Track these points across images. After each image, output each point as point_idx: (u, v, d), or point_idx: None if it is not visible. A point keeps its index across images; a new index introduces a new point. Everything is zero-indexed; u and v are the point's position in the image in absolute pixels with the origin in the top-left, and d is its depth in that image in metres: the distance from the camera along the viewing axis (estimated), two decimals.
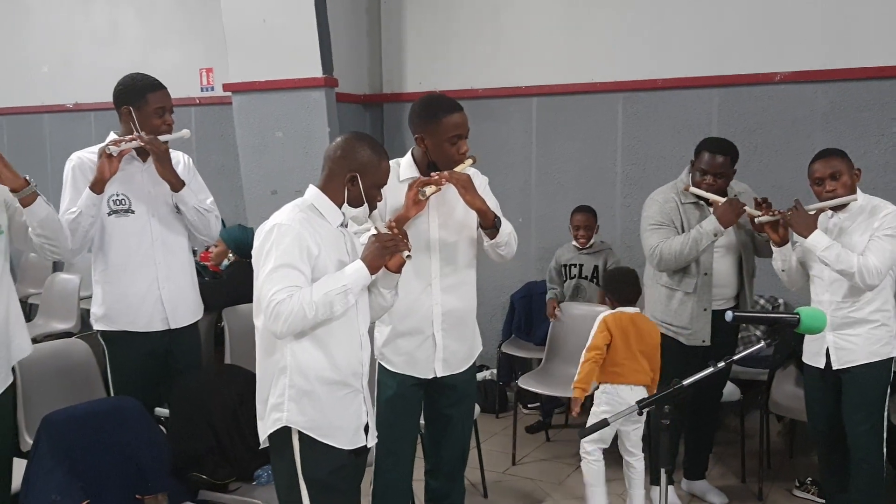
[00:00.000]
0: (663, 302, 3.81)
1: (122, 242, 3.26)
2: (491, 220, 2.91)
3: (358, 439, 2.53)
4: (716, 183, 3.67)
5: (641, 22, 5.15)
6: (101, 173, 3.10)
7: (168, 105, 3.27)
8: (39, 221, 2.72)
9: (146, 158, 3.30)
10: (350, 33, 5.70)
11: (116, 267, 3.28)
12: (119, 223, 3.25)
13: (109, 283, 3.29)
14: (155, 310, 3.30)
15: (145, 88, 3.23)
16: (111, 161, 3.10)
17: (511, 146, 5.60)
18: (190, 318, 3.45)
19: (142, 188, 3.29)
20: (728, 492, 4.07)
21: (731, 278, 3.81)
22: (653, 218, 3.76)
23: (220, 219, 3.51)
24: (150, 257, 3.29)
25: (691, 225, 3.69)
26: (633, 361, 3.61)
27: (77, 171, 3.21)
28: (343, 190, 2.50)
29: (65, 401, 3.07)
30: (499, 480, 4.33)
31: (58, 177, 3.17)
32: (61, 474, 2.66)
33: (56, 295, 5.89)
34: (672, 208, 3.75)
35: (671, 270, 3.74)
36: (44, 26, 7.24)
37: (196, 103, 6.42)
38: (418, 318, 2.96)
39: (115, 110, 3.28)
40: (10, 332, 2.77)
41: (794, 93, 4.81)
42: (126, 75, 3.33)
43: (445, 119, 2.86)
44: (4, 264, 2.74)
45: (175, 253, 3.37)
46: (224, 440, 3.07)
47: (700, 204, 3.73)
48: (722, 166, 3.66)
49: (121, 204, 3.25)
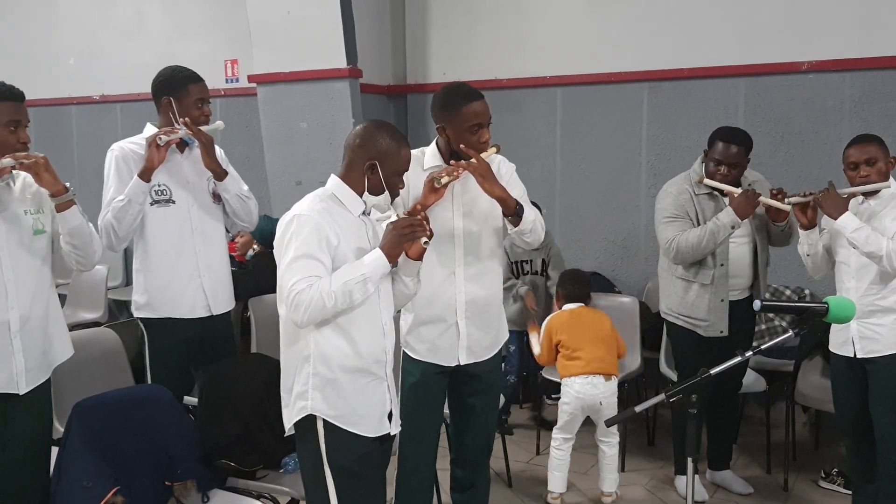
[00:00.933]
0: (679, 294, 3.79)
1: (164, 232, 3.31)
2: (512, 208, 2.89)
3: (382, 427, 2.55)
4: (730, 173, 3.64)
5: (666, 10, 5.11)
6: (150, 162, 3.16)
7: (206, 96, 3.35)
8: (70, 230, 2.74)
9: (184, 149, 3.35)
10: (374, 24, 5.71)
11: (158, 256, 3.32)
12: (160, 213, 3.30)
13: (151, 271, 3.34)
14: (197, 297, 3.36)
15: (186, 80, 3.30)
16: (159, 150, 3.15)
17: (535, 137, 5.58)
18: (227, 305, 3.51)
19: (182, 178, 3.34)
20: (753, 482, 4.06)
21: (747, 268, 3.79)
22: (667, 210, 3.73)
23: (257, 206, 3.56)
24: (190, 246, 3.34)
25: (706, 216, 3.66)
26: (587, 352, 3.88)
27: (120, 161, 3.27)
28: (363, 178, 2.51)
29: (94, 389, 3.10)
30: (523, 470, 4.34)
31: (85, 168, 3.22)
32: (92, 461, 2.70)
33: (84, 285, 5.96)
34: (686, 200, 3.71)
35: (687, 263, 3.71)
36: (70, 19, 7.30)
37: (221, 95, 6.45)
38: (441, 306, 2.96)
39: (154, 101, 3.34)
40: (49, 332, 2.80)
41: (822, 82, 4.75)
42: (166, 67, 3.39)
43: (465, 108, 2.86)
44: (46, 263, 2.79)
45: (213, 242, 3.43)
46: (251, 428, 3.09)
47: (714, 195, 3.70)
48: (736, 156, 3.63)
49: (162, 194, 3.30)
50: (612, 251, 5.45)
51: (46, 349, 2.80)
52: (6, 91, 2.67)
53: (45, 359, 2.80)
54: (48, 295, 2.80)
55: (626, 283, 5.37)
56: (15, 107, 2.68)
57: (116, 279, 6.55)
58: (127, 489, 2.70)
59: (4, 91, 2.65)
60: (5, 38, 7.61)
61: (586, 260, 5.45)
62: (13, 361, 2.65)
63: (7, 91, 2.67)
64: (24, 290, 2.67)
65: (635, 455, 4.45)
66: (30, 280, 2.70)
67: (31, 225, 2.72)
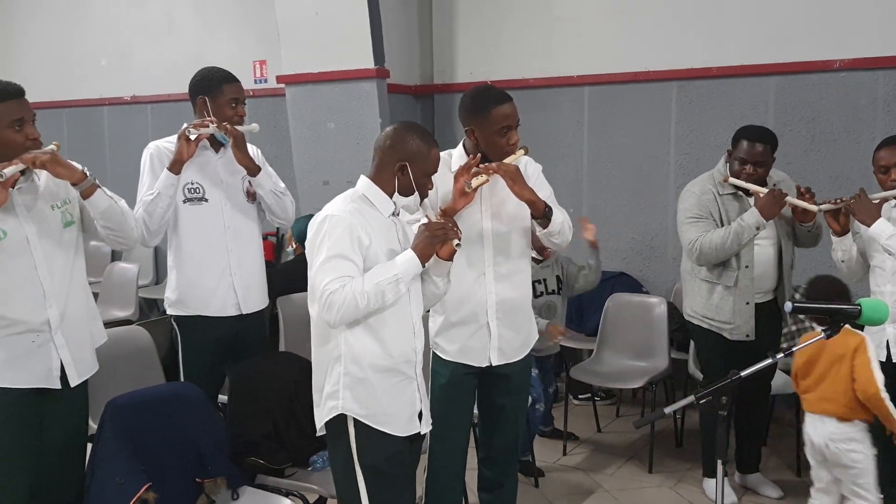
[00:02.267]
0: (703, 296, 3.75)
1: (196, 230, 3.35)
2: (541, 210, 2.89)
3: (412, 426, 2.56)
4: (756, 172, 3.59)
5: (696, 8, 5.07)
6: (180, 154, 3.19)
7: (241, 97, 3.39)
8: (101, 213, 2.76)
9: (219, 149, 3.39)
10: (401, 24, 5.72)
11: (190, 254, 3.36)
12: (193, 211, 3.34)
13: (183, 269, 3.38)
14: (227, 296, 3.38)
15: (221, 80, 3.35)
16: (189, 144, 3.19)
17: (562, 136, 5.57)
18: (259, 304, 3.53)
19: (216, 177, 3.38)
20: (783, 485, 4.02)
21: (771, 270, 3.74)
22: (690, 211, 3.69)
23: (294, 203, 3.58)
24: (222, 245, 3.37)
25: (730, 217, 3.61)
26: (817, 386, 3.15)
27: (155, 159, 3.31)
28: (393, 179, 2.53)
29: (126, 386, 3.14)
30: (549, 470, 4.33)
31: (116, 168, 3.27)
32: (125, 458, 2.73)
33: (115, 283, 6.04)
34: (710, 200, 3.67)
35: (710, 265, 3.67)
36: (102, 20, 7.39)
37: (250, 95, 6.39)
38: (472, 306, 2.97)
39: (191, 101, 3.39)
40: (88, 321, 2.85)
41: (855, 80, 4.70)
42: (202, 68, 3.44)
43: (495, 110, 2.86)
44: (78, 255, 2.82)
45: (246, 241, 3.45)
46: (280, 426, 3.12)
47: (739, 195, 3.66)
48: (762, 155, 3.58)
49: (195, 192, 3.34)
50: (640, 251, 5.42)
51: (89, 338, 2.84)
52: (3, 89, 2.54)
53: (91, 348, 2.84)
54: (83, 285, 2.83)
55: (654, 283, 5.34)
56: (17, 104, 2.56)
57: (147, 277, 6.63)
58: (158, 486, 2.73)
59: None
60: (39, 41, 7.72)
61: (613, 260, 5.43)
62: (54, 357, 2.68)
63: (3, 89, 2.54)
64: (60, 286, 2.70)
65: (663, 457, 4.42)
66: (64, 274, 2.72)
67: (59, 219, 2.73)
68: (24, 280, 2.61)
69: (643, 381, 4.45)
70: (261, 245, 3.59)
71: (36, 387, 2.66)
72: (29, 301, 2.62)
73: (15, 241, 2.59)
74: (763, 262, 3.68)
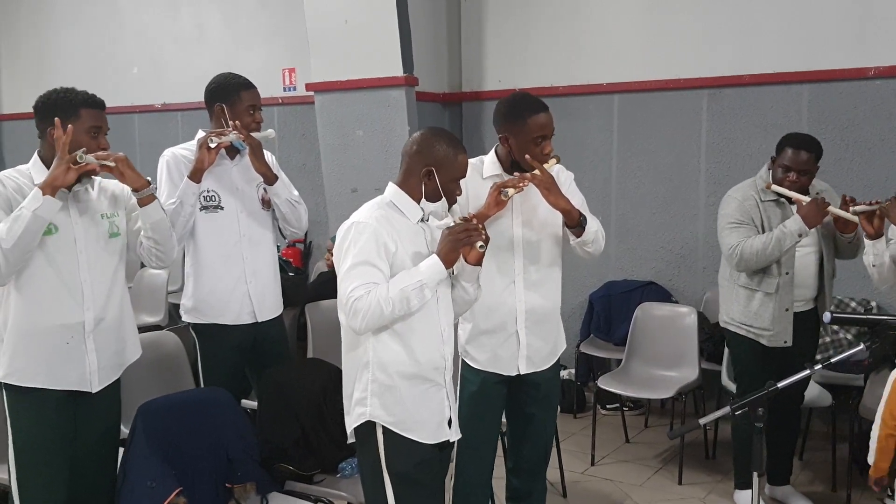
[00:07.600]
0: (742, 303, 3.71)
1: (212, 238, 3.35)
2: (576, 219, 2.88)
3: (441, 434, 2.55)
4: (799, 180, 3.56)
5: (727, 15, 5.03)
6: (200, 163, 3.21)
7: (258, 103, 3.39)
8: (153, 224, 2.83)
9: (234, 156, 3.40)
10: (430, 32, 5.73)
11: (205, 261, 3.37)
12: (209, 218, 3.34)
13: (199, 276, 3.39)
14: (243, 304, 3.39)
15: (239, 86, 3.36)
16: (209, 152, 3.20)
17: (591, 144, 5.54)
18: (274, 311, 3.52)
19: (232, 185, 3.39)
20: (817, 498, 3.96)
21: (812, 279, 3.70)
22: (732, 216, 3.67)
23: (307, 212, 3.59)
24: (237, 253, 3.38)
25: (772, 224, 3.59)
26: None
27: (171, 166, 3.33)
28: (420, 185, 2.52)
29: (157, 391, 3.18)
30: (577, 481, 4.29)
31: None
32: (156, 462, 2.75)
33: (145, 289, 6.09)
34: (752, 206, 3.65)
35: (750, 271, 3.64)
36: (134, 29, 7.49)
37: (279, 103, 6.55)
38: (501, 315, 2.95)
39: (207, 108, 3.40)
40: (122, 333, 2.88)
41: (890, 88, 4.63)
42: (218, 74, 3.45)
43: (531, 119, 2.85)
44: (120, 266, 2.87)
45: (261, 249, 3.45)
46: (309, 432, 3.13)
47: (781, 202, 3.63)
48: (806, 163, 3.55)
49: (211, 200, 3.35)
50: (670, 260, 5.38)
51: (118, 349, 2.87)
52: (90, 99, 2.78)
53: (117, 359, 2.87)
54: (121, 296, 2.88)
55: (684, 293, 5.28)
56: (97, 114, 2.78)
57: (176, 283, 6.67)
58: (189, 490, 2.75)
59: (88, 99, 2.76)
60: (73, 49, 7.85)
61: (642, 269, 5.39)
62: (86, 361, 2.74)
63: (90, 99, 2.78)
64: (99, 291, 2.77)
65: (693, 468, 4.37)
66: (105, 281, 2.79)
67: (107, 229, 2.82)
68: (67, 278, 2.70)
69: (673, 392, 4.40)
70: (275, 253, 3.58)
71: (70, 389, 2.71)
72: (68, 299, 2.71)
73: (64, 238, 2.70)
74: (804, 270, 3.65)
